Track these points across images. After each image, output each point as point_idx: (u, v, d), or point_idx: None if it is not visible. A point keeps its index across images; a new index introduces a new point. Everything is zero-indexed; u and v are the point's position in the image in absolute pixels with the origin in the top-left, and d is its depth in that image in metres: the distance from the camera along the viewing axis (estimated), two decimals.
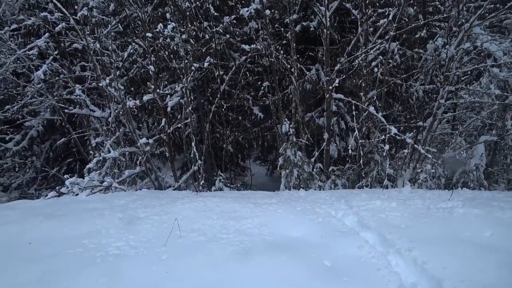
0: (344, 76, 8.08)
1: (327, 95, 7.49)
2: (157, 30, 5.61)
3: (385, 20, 7.37)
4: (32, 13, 8.38)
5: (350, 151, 6.59)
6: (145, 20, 7.59)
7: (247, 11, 7.37)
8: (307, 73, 9.49)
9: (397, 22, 7.03)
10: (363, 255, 2.70)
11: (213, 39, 7.53)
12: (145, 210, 3.65)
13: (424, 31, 8.52)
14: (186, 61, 6.21)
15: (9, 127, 8.57)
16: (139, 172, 6.24)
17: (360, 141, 7.01)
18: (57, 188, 5.09)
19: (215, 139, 9.35)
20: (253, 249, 2.71)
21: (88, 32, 7.34)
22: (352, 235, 3.11)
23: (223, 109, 8.28)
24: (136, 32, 8.59)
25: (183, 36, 6.39)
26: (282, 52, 8.15)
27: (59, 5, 7.27)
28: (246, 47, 7.73)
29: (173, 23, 5.72)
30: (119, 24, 8.49)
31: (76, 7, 8.09)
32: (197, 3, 7.88)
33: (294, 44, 7.89)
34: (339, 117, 10.09)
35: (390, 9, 7.37)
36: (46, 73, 7.02)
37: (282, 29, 8.90)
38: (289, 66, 8.03)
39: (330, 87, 7.23)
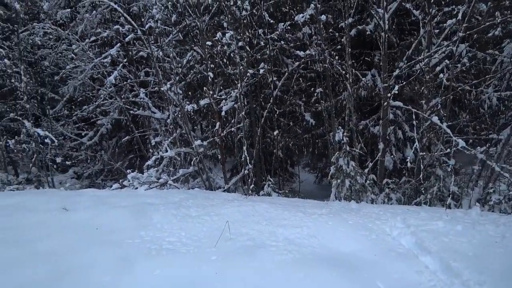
0: (404, 83, 7.57)
1: (385, 103, 7.07)
2: (216, 38, 5.88)
3: (453, 20, 6.71)
4: (107, 26, 9.44)
5: (408, 163, 6.12)
6: (203, 28, 8.04)
7: (302, 17, 7.33)
8: (363, 79, 9.10)
9: (467, 21, 6.34)
10: (422, 281, 2.46)
11: (268, 46, 7.64)
12: (197, 209, 3.81)
13: (499, 29, 7.54)
14: (241, 67, 6.39)
15: (84, 124, 9.77)
16: (192, 171, 6.58)
17: (420, 153, 6.48)
18: (120, 180, 5.58)
19: (266, 144, 9.44)
20: (302, 261, 2.65)
21: (152, 41, 8.02)
22: (410, 258, 2.86)
23: (275, 115, 8.31)
24: (195, 40, 9.13)
25: (239, 44, 6.60)
26: (336, 57, 7.95)
27: (129, 18, 8.13)
28: (301, 53, 7.68)
29: (231, 31, 5.96)
30: (179, 33, 9.12)
31: (142, 19, 8.92)
32: (253, 10, 8.08)
33: (349, 49, 7.62)
34: (396, 126, 9.46)
35: (459, 7, 6.69)
36: (116, 78, 7.81)
37: (336, 33, 8.66)
38: (343, 71, 7.77)
39: (388, 94, 6.82)
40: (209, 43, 6.09)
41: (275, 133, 7.49)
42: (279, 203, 4.42)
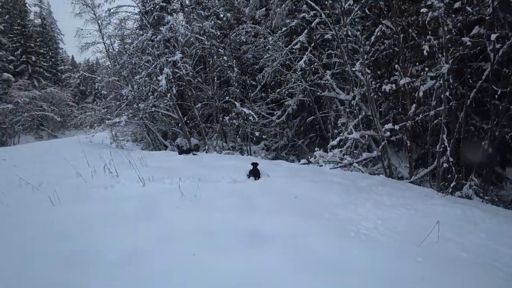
0: None
1: None
2: (428, 2, 4.93)
3: None
4: (292, 16, 10.15)
5: None
6: None
7: None
8: None
9: None
10: None
11: None
12: (390, 198, 3.59)
13: None
14: (448, 35, 5.23)
15: (275, 105, 11.27)
16: (375, 156, 6.25)
17: None
18: (307, 157, 6.04)
19: (469, 133, 7.54)
20: None
21: (334, 23, 7.93)
22: None
23: (489, 96, 6.43)
24: (384, 12, 8.30)
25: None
26: None
27: (313, 4, 8.37)
28: None
29: None
30: (365, 9, 8.54)
31: (326, 2, 8.92)
32: None
33: None
34: None
35: None
36: (305, 62, 8.36)
37: None
38: None
39: None
40: (424, 10, 4.95)
41: None
42: (501, 214, 3.46)
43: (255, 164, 4.53)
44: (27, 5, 33.83)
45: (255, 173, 4.42)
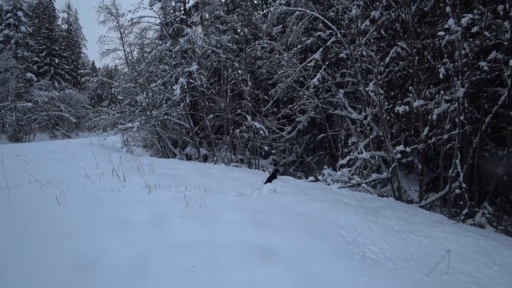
0: None
1: None
2: (446, 26, 4.96)
3: None
4: (308, 34, 10.29)
5: None
6: (408, 20, 7.18)
7: None
8: None
9: None
10: None
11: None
12: (398, 223, 3.47)
13: None
14: (465, 59, 5.18)
15: (286, 120, 11.27)
16: (385, 178, 6.12)
17: None
18: (316, 174, 5.97)
19: (483, 159, 7.36)
20: None
21: (349, 42, 8.00)
22: None
23: (510, 122, 6.26)
24: (400, 34, 8.34)
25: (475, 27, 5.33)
26: None
27: (329, 24, 8.49)
28: None
29: (469, 15, 4.81)
30: (381, 30, 8.60)
31: (342, 22, 9.03)
32: None
33: None
34: None
35: None
36: (318, 80, 8.39)
37: None
38: None
39: None
40: (441, 33, 5.12)
41: None
42: None
43: (277, 171, 5.20)
44: (56, 11, 35.54)
45: (272, 177, 5.02)
